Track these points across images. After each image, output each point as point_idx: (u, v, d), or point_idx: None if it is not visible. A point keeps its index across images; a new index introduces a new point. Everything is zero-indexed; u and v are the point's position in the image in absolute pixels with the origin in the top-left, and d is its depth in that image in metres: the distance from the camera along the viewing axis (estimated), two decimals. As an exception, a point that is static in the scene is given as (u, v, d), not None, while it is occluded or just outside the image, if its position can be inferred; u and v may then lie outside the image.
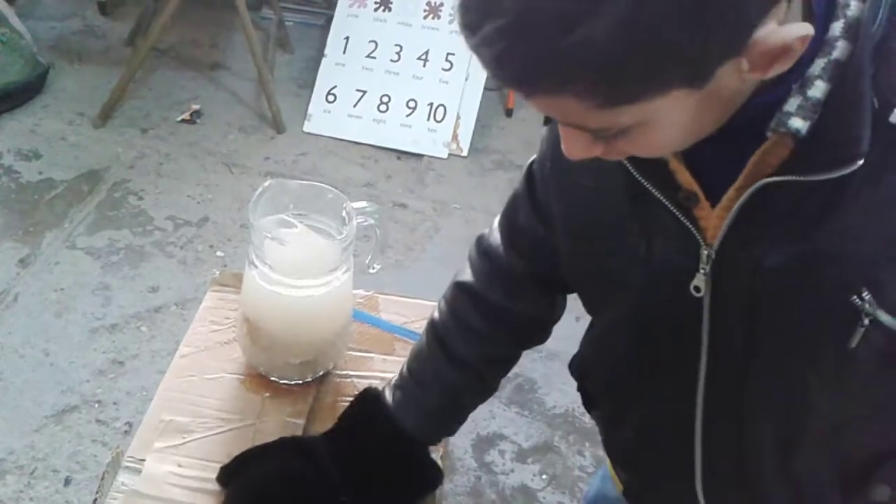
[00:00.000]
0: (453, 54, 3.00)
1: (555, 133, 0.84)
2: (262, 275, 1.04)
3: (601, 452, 2.04)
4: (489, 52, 0.57)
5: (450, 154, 2.94)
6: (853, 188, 0.65)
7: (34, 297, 2.27)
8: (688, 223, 0.73)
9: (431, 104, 2.98)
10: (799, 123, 0.63)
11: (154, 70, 3.10)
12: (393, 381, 1.08)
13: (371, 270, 1.16)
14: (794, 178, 0.65)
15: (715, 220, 0.72)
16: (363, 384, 1.16)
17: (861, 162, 0.62)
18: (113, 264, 2.39)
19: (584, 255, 0.88)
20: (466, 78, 2.98)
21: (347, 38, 3.05)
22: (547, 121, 0.82)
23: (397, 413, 1.04)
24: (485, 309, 1.03)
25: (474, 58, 0.59)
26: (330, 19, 3.13)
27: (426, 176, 2.86)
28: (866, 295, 0.67)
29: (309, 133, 2.96)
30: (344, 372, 1.18)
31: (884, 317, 0.67)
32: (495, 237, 1.04)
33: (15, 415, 1.99)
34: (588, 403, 1.09)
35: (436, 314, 1.07)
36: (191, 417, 1.10)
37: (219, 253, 2.47)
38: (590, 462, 2.05)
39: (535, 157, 0.95)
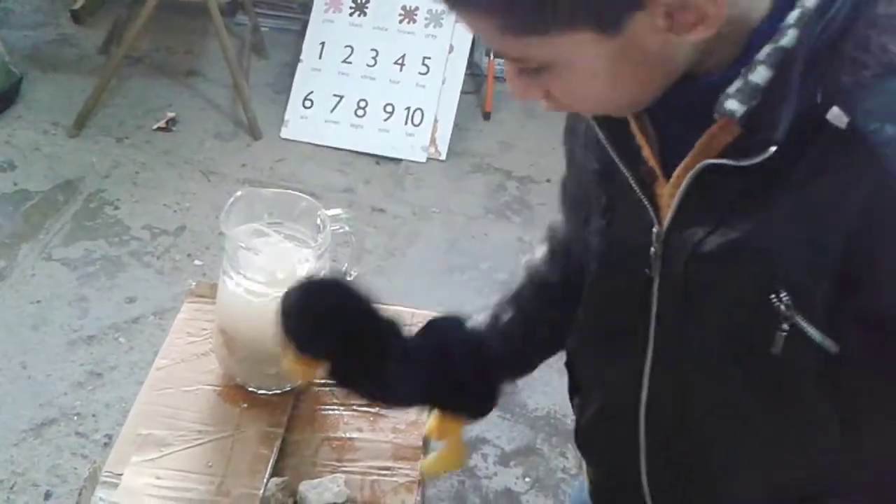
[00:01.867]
0: (429, 58, 3.00)
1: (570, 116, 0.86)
2: (237, 285, 1.03)
3: (583, 454, 2.05)
4: None
5: (428, 158, 2.94)
6: (786, 182, 0.64)
7: (10, 310, 2.25)
8: (645, 200, 0.74)
9: (409, 108, 2.98)
10: (735, 106, 0.62)
11: (128, 78, 3.08)
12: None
13: (349, 277, 1.15)
14: (727, 161, 0.64)
15: (667, 199, 0.72)
16: (343, 391, 1.16)
17: (773, 149, 0.61)
18: (90, 275, 2.37)
19: (573, 227, 0.90)
20: (443, 81, 2.98)
21: (323, 43, 3.04)
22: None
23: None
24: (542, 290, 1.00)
25: (450, 62, 0.61)
26: (305, 24, 3.12)
27: (405, 180, 2.86)
28: (784, 296, 0.65)
29: (286, 139, 2.95)
30: (322, 381, 1.17)
31: (804, 325, 0.65)
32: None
33: (-8, 429, 1.98)
34: (571, 390, 1.05)
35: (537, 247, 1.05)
36: (168, 430, 1.09)
37: (197, 262, 2.45)
38: (573, 464, 2.06)
39: None
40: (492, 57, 3.16)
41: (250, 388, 1.13)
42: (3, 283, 2.32)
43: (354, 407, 1.14)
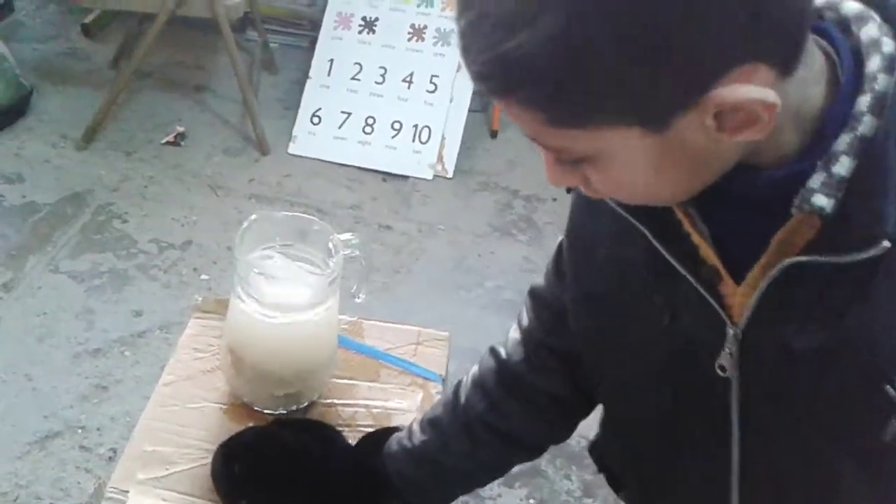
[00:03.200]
0: (437, 76, 3.01)
1: (577, 200, 0.84)
2: (248, 307, 1.04)
3: (588, 476, 2.05)
4: (459, 43, 0.60)
5: (435, 175, 2.94)
6: (884, 273, 0.62)
7: (17, 322, 2.26)
8: (712, 301, 0.71)
9: (416, 126, 2.99)
10: (823, 201, 0.60)
11: (138, 92, 3.10)
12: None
13: (357, 300, 1.16)
14: (819, 258, 0.62)
15: (740, 298, 0.70)
16: (348, 412, 1.16)
17: (887, 244, 0.59)
18: (96, 288, 2.38)
19: (606, 329, 0.85)
20: (451, 100, 2.99)
21: (332, 60, 3.06)
22: (569, 189, 0.82)
23: (388, 458, 1.03)
24: (503, 372, 1.00)
25: (458, 80, 0.61)
26: (314, 41, 3.14)
27: (412, 198, 2.87)
28: None
29: (294, 155, 2.96)
30: (329, 400, 1.17)
31: None
32: (527, 300, 1.02)
33: (-3, 441, 1.98)
34: (613, 484, 1.05)
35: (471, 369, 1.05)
36: (174, 448, 1.09)
37: (203, 276, 2.46)
38: (577, 486, 2.05)
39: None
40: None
41: (256, 408, 1.13)
42: (9, 294, 2.33)
43: (360, 427, 1.14)
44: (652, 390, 0.82)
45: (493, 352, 1.03)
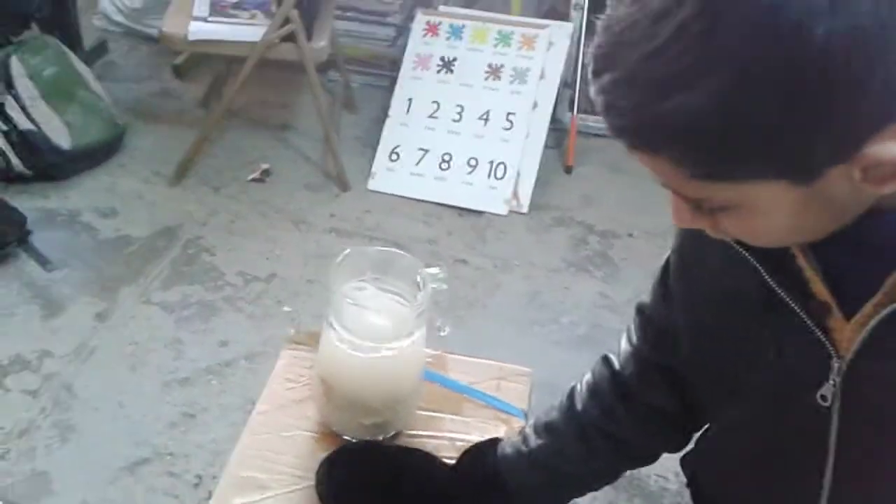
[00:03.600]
0: (513, 114, 3.06)
1: (685, 228, 0.85)
2: (340, 338, 1.08)
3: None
4: (602, 100, 0.61)
5: (510, 211, 2.98)
6: None
7: (110, 351, 2.36)
8: (821, 335, 0.73)
9: (492, 162, 3.03)
10: None
11: (226, 130, 3.22)
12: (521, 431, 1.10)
13: (441, 334, 1.20)
14: None
15: (849, 333, 0.72)
16: (432, 444, 1.19)
17: None
18: (185, 319, 2.47)
19: (708, 353, 0.88)
20: (526, 136, 3.04)
21: (411, 99, 3.14)
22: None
23: (503, 461, 1.06)
24: (616, 382, 1.03)
25: (534, 117, 0.63)
26: (394, 81, 3.22)
27: (486, 232, 2.91)
28: None
29: (373, 191, 3.03)
30: (414, 432, 1.20)
31: None
32: (634, 316, 1.05)
33: (90, 466, 2.06)
34: (698, 500, 1.08)
35: (584, 374, 1.08)
36: (267, 474, 1.13)
37: (286, 308, 2.53)
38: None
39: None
40: (575, 112, 3.21)
41: (346, 437, 1.17)
42: (103, 324, 2.43)
43: (444, 460, 1.17)
44: (751, 419, 0.85)
45: (607, 361, 1.05)
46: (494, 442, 1.11)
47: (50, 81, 2.94)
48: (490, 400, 1.25)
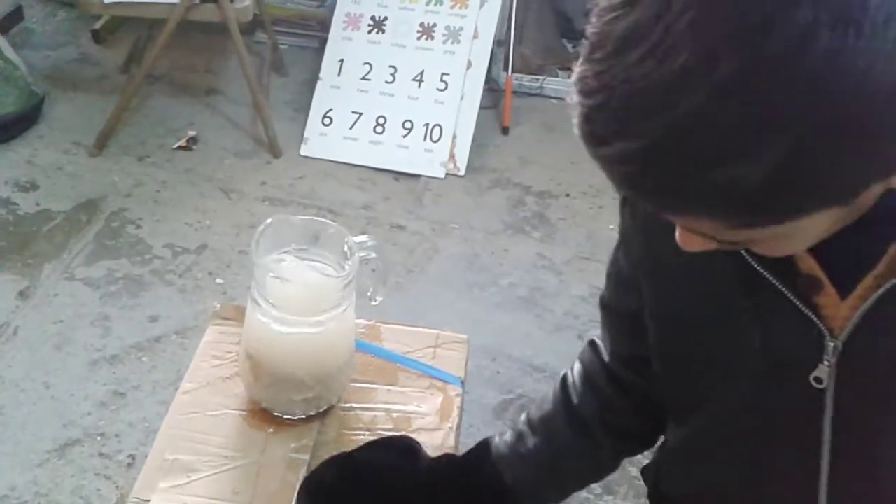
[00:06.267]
0: (448, 74, 3.00)
1: (646, 217, 0.81)
2: (265, 312, 1.03)
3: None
4: (620, 169, 0.56)
5: (447, 174, 2.94)
6: None
7: (34, 330, 2.26)
8: (810, 313, 0.70)
9: (427, 124, 2.98)
10: None
11: (149, 97, 3.11)
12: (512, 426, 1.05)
13: (373, 303, 1.16)
14: None
15: (845, 311, 0.69)
16: (368, 416, 1.16)
17: None
18: (112, 294, 2.39)
19: (681, 343, 0.83)
20: (461, 97, 2.98)
21: (342, 60, 3.06)
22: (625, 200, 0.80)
23: (500, 461, 1.02)
24: (609, 370, 0.99)
25: (468, 78, 0.58)
26: (324, 42, 3.14)
27: (424, 196, 2.86)
28: None
29: (305, 156, 2.96)
30: (348, 405, 1.17)
31: None
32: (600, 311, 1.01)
33: (16, 449, 1.98)
34: None
35: (574, 363, 1.04)
36: (195, 455, 1.09)
37: (218, 280, 2.46)
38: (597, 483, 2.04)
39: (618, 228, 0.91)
40: (510, 72, 3.16)
41: (276, 413, 1.13)
42: (26, 303, 2.34)
43: (380, 431, 1.14)
44: (737, 413, 0.81)
45: (595, 348, 1.01)
46: (486, 445, 1.05)
47: (-40, 50, 2.80)
48: (426, 369, 1.22)
